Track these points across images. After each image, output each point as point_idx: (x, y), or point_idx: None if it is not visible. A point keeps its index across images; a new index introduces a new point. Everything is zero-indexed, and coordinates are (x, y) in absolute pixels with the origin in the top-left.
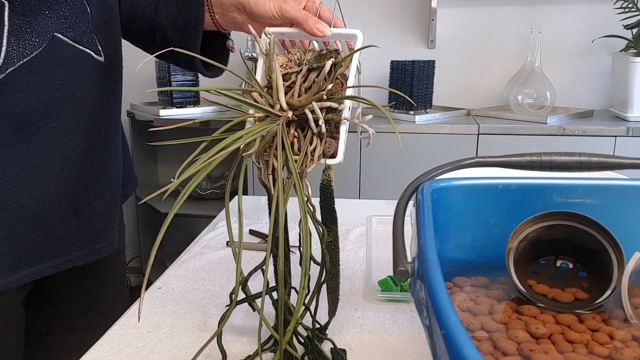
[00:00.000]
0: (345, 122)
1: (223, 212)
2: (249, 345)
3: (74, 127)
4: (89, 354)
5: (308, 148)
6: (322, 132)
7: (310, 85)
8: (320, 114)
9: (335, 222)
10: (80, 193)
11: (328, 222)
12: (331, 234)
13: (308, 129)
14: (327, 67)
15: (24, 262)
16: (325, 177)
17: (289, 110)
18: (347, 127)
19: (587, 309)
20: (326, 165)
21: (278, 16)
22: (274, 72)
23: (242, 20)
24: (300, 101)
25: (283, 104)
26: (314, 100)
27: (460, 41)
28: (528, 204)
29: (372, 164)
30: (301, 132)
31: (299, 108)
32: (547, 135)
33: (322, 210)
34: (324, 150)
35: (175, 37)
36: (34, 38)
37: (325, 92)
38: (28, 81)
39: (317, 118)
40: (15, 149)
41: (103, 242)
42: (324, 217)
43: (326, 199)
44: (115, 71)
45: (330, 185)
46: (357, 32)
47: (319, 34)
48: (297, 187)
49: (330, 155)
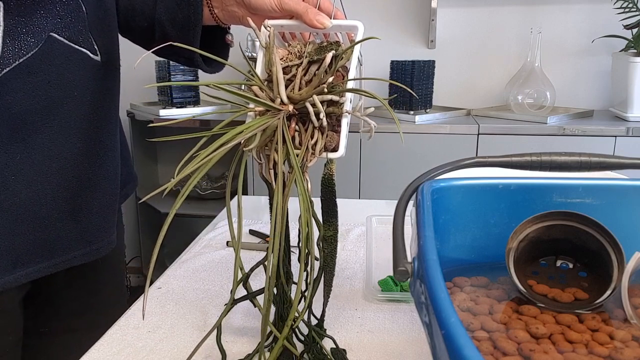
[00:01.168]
0: (347, 115)
1: (223, 212)
2: (248, 345)
3: (71, 126)
4: (89, 354)
5: (309, 142)
6: (323, 125)
7: (310, 78)
8: (321, 107)
9: (336, 215)
10: (77, 193)
11: (329, 216)
12: (331, 227)
13: (309, 123)
14: (327, 59)
15: (21, 262)
16: (327, 171)
17: (289, 104)
18: (349, 120)
19: (587, 309)
20: (328, 160)
21: (277, 9)
22: (274, 65)
23: (242, 14)
24: (301, 94)
25: (284, 98)
26: (315, 94)
27: (460, 41)
28: (528, 204)
29: (372, 164)
30: (302, 126)
31: (300, 101)
32: (547, 135)
33: (322, 204)
34: (326, 144)
35: (174, 33)
36: (30, 38)
37: (326, 85)
38: (24, 81)
39: (318, 111)
40: (12, 149)
41: (101, 242)
42: (324, 211)
43: (328, 192)
44: (112, 70)
45: (332, 180)
46: (357, 23)
47: (319, 25)
48: (298, 181)
49: (332, 149)
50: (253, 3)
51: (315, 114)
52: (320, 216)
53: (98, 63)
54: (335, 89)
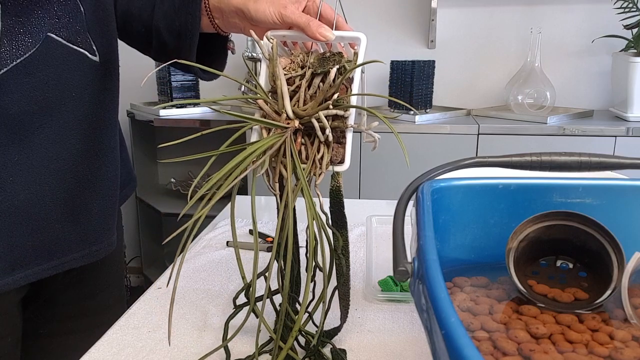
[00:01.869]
0: (352, 129)
1: (223, 212)
2: (249, 345)
3: (70, 127)
4: (89, 354)
5: (315, 156)
6: (329, 140)
7: (315, 91)
8: (327, 123)
9: (345, 226)
10: (76, 194)
11: (338, 227)
12: (342, 238)
13: (315, 136)
14: (332, 75)
15: (20, 265)
16: (335, 183)
17: (295, 119)
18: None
19: (587, 309)
20: (334, 172)
21: (279, 21)
22: (279, 79)
23: (243, 26)
24: (306, 110)
25: (289, 113)
26: (320, 110)
27: (460, 41)
28: (528, 204)
29: (372, 164)
30: (308, 139)
31: (305, 117)
32: (547, 135)
33: (332, 216)
34: (332, 157)
35: (171, 41)
36: (27, 39)
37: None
38: (22, 82)
39: (323, 127)
40: (10, 151)
41: (101, 244)
42: (334, 222)
43: (336, 204)
44: (111, 71)
45: (340, 191)
46: (360, 35)
47: (322, 38)
48: (305, 194)
49: (337, 161)
50: (254, 15)
51: (320, 128)
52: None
53: (97, 63)
54: (339, 103)
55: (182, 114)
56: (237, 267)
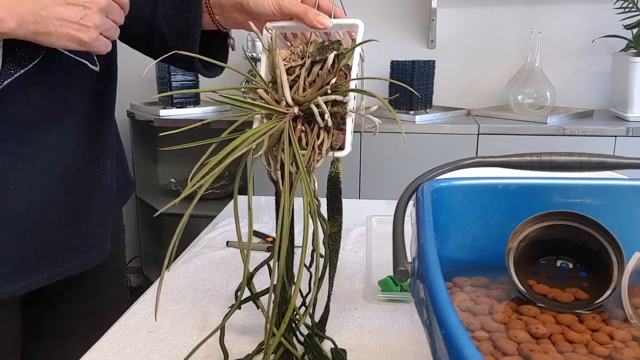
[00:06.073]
0: (351, 114)
1: (223, 212)
2: (249, 345)
3: (71, 135)
4: (89, 354)
5: (315, 142)
6: (328, 125)
7: (314, 79)
8: (326, 108)
9: (341, 212)
10: (77, 201)
11: (334, 213)
12: (336, 224)
13: (315, 123)
14: (330, 60)
15: (21, 272)
16: (334, 169)
17: (294, 106)
18: (354, 118)
19: (587, 309)
20: (334, 158)
21: (277, 12)
22: (278, 68)
23: (243, 20)
24: (305, 96)
25: (289, 100)
26: (319, 95)
27: (460, 41)
28: (528, 204)
29: (372, 164)
30: (308, 126)
31: (305, 103)
32: (547, 135)
33: (328, 202)
34: (332, 143)
35: (173, 40)
36: (31, 50)
37: (329, 86)
38: (25, 92)
39: (322, 112)
40: (13, 159)
41: (96, 250)
42: (329, 208)
43: (333, 190)
44: (109, 79)
45: (339, 178)
46: (357, 22)
47: (320, 26)
48: (303, 182)
49: (338, 147)
50: (253, 9)
51: (320, 114)
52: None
53: (97, 73)
54: (338, 88)
55: (182, 114)
56: (237, 267)
